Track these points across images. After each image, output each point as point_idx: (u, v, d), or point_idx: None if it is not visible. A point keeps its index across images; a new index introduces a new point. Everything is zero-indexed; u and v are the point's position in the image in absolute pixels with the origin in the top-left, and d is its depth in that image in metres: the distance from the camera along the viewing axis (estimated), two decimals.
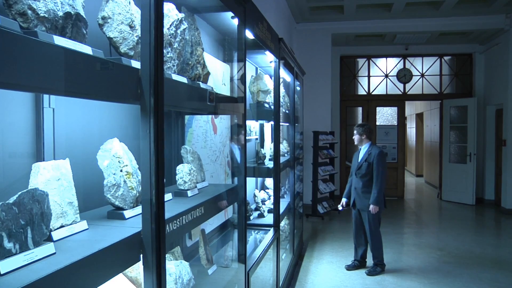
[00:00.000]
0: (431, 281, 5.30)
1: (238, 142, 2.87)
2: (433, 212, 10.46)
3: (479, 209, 10.24)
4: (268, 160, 4.63)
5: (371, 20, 9.89)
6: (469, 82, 11.51)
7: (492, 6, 8.93)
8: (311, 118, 9.72)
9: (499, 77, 10.15)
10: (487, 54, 10.99)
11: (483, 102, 10.99)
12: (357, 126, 5.81)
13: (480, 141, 10.85)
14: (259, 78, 4.24)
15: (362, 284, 5.20)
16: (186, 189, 2.22)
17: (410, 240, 7.52)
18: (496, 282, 5.24)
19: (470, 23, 9.71)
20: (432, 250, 6.75)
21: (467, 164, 10.69)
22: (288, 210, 5.17)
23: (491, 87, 10.76)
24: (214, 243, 3.63)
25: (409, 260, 6.23)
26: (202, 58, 2.28)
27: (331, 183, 9.76)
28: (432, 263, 6.06)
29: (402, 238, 7.67)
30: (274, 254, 4.08)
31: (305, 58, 9.65)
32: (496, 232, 8.41)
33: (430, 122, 14.40)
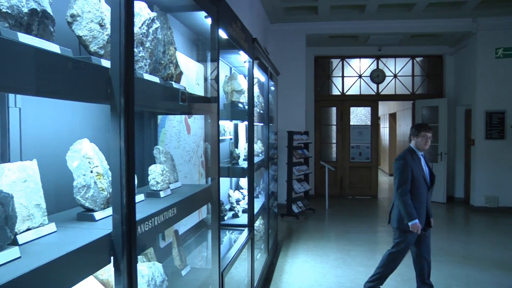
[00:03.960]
0: (404, 278, 5.38)
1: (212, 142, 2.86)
2: None
3: (450, 207, 10.46)
4: (242, 160, 4.63)
5: (345, 21, 10.00)
6: (440, 83, 11.76)
7: (460, 10, 9.16)
8: (285, 118, 9.76)
9: (468, 78, 10.41)
10: (456, 56, 11.25)
11: (453, 103, 11.23)
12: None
13: (450, 141, 11.08)
14: (233, 78, 4.23)
15: (336, 283, 5.24)
16: (158, 190, 2.20)
17: (383, 239, 7.62)
18: (466, 278, 5.36)
19: (440, 25, 9.92)
20: None
21: (438, 163, 10.90)
22: (262, 210, 5.18)
23: (460, 88, 11.02)
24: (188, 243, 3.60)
25: None
26: (174, 58, 2.26)
27: (306, 182, 9.81)
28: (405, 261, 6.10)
29: (376, 236, 7.77)
30: (248, 254, 4.08)
31: (279, 58, 9.68)
32: (465, 229, 8.61)
33: (403, 122, 14.64)
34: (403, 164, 4.39)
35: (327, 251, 6.53)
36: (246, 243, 3.86)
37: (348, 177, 11.98)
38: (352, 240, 7.17)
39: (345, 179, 11.97)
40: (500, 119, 9.81)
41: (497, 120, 9.81)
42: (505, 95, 9.73)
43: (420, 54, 11.79)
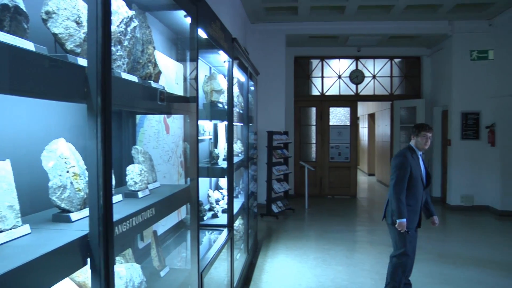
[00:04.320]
0: (382, 277, 5.42)
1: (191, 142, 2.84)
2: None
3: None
4: (222, 160, 4.61)
5: (325, 21, 10.06)
6: (418, 84, 11.93)
7: (437, 13, 9.32)
8: (265, 118, 9.77)
9: (444, 80, 10.60)
10: (433, 57, 11.44)
11: (431, 104, 11.42)
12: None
13: None
14: (213, 77, 4.22)
15: (316, 282, 5.27)
16: (136, 190, 2.18)
17: (363, 238, 7.70)
18: (442, 275, 5.46)
19: (417, 27, 10.07)
20: (383, 247, 6.92)
21: None
22: (242, 210, 5.17)
23: (437, 89, 11.20)
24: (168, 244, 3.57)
25: (361, 257, 6.38)
26: (153, 57, 2.24)
27: (285, 182, 9.84)
28: (383, 259, 6.21)
29: (355, 235, 7.84)
30: (228, 254, 4.07)
31: (259, 58, 9.69)
32: (442, 227, 8.74)
33: (382, 122, 14.79)
34: (402, 161, 4.41)
35: (307, 251, 6.56)
36: (226, 243, 3.85)
37: (328, 177, 12.06)
38: (332, 240, 7.21)
39: (325, 179, 12.05)
40: (475, 119, 10.01)
41: (473, 120, 10.01)
42: (480, 97, 9.92)
43: (399, 55, 11.95)
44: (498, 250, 6.78)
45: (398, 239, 4.48)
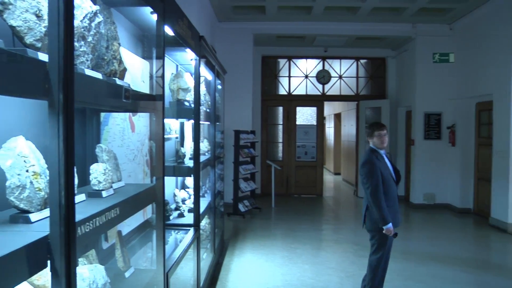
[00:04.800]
0: (348, 274, 5.52)
1: (157, 141, 2.80)
2: (350, 209, 10.93)
3: None
4: (188, 159, 4.57)
5: (292, 21, 10.12)
6: (383, 84, 12.17)
7: (402, 16, 9.54)
8: (232, 117, 9.74)
9: (408, 81, 10.85)
10: (398, 59, 11.69)
11: (395, 104, 11.66)
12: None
13: (392, 141, 11.48)
14: (180, 76, 4.18)
15: (282, 280, 5.29)
16: (100, 190, 2.13)
17: (328, 236, 7.79)
18: (404, 272, 5.58)
19: (383, 29, 10.27)
20: (349, 244, 7.03)
21: None
22: (209, 209, 5.14)
23: (401, 90, 11.46)
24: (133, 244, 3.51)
25: (327, 255, 6.45)
26: (118, 54, 2.19)
27: (252, 181, 9.85)
28: (349, 257, 6.31)
29: (321, 234, 7.92)
30: (194, 254, 4.04)
31: (227, 57, 9.65)
32: (405, 226, 8.93)
33: (347, 122, 15.01)
34: (371, 168, 4.30)
35: (274, 250, 6.59)
36: (192, 243, 3.82)
37: (294, 176, 12.14)
38: (298, 238, 7.26)
39: (291, 178, 12.13)
40: (437, 120, 10.28)
41: (435, 121, 10.28)
42: (441, 98, 10.20)
43: (364, 56, 12.15)
44: (457, 246, 7.00)
45: (378, 244, 4.42)
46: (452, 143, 10.03)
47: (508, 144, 7.87)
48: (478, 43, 9.05)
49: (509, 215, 7.82)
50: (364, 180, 4.32)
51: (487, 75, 8.63)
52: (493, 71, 8.40)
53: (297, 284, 5.18)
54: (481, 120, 9.40)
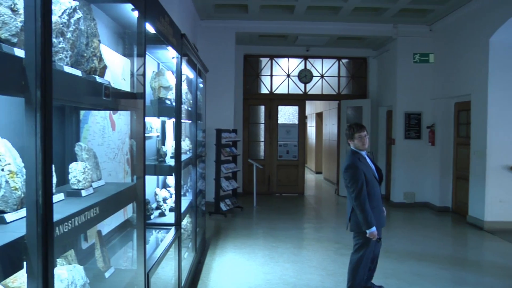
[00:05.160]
0: (329, 273, 5.55)
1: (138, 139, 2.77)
2: (331, 208, 10.99)
3: None
4: (169, 157, 4.53)
5: (274, 20, 10.12)
6: (364, 84, 12.26)
7: (383, 16, 9.62)
8: (214, 115, 9.70)
9: (389, 81, 10.96)
10: (379, 59, 11.80)
11: (376, 104, 11.77)
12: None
13: (373, 140, 11.58)
14: (161, 74, 4.14)
15: (264, 279, 5.29)
16: (80, 189, 2.09)
17: (310, 235, 7.82)
18: (384, 270, 5.62)
19: (364, 29, 10.34)
20: (330, 243, 7.07)
21: None
22: (190, 208, 5.11)
23: (382, 90, 11.56)
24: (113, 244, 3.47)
25: (309, 254, 6.48)
26: (98, 51, 2.16)
27: (234, 180, 9.83)
28: (330, 256, 6.35)
29: (303, 233, 7.95)
30: (175, 253, 4.01)
31: (209, 55, 9.62)
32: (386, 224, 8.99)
33: (329, 121, 15.09)
34: (355, 172, 4.29)
35: (255, 248, 6.59)
36: (173, 242, 3.79)
37: (276, 175, 12.16)
38: (279, 237, 7.28)
39: (273, 177, 12.15)
40: (417, 120, 10.40)
41: (415, 120, 10.40)
42: (422, 98, 10.33)
43: (346, 56, 12.23)
44: (436, 244, 7.11)
45: (361, 244, 4.44)
46: (431, 143, 10.17)
47: (485, 144, 8.01)
48: (457, 44, 9.19)
49: (486, 213, 7.98)
50: (348, 184, 4.33)
51: (466, 76, 8.77)
52: (471, 71, 8.54)
53: (278, 282, 5.19)
54: (460, 120, 9.55)
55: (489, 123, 7.95)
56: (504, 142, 7.97)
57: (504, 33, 7.77)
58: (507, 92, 7.92)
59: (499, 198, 7.97)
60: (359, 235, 4.45)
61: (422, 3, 8.90)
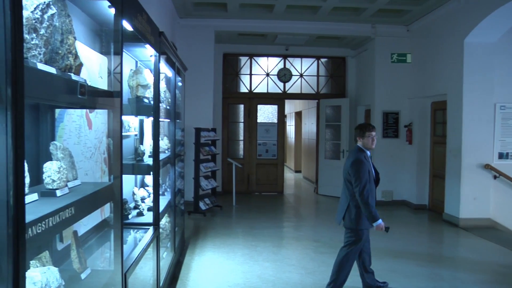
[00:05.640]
0: (308, 271, 5.58)
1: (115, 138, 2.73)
2: (310, 206, 11.05)
3: None
4: (147, 156, 4.49)
5: (254, 19, 10.12)
6: (343, 83, 12.36)
7: (361, 16, 9.71)
8: (193, 114, 9.64)
9: (367, 80, 11.07)
10: (357, 58, 11.90)
11: (355, 103, 11.87)
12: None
13: (352, 139, 11.66)
14: (139, 72, 4.09)
15: (243, 278, 5.29)
16: (54, 189, 2.05)
17: (289, 234, 7.84)
18: None
19: (343, 29, 10.42)
20: (309, 241, 7.11)
21: (340, 160, 11.43)
22: (169, 208, 5.07)
23: (361, 89, 11.67)
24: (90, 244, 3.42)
25: (288, 253, 6.50)
26: (74, 48, 2.12)
27: (213, 179, 9.81)
28: (309, 254, 6.38)
29: (282, 231, 7.97)
30: (154, 253, 3.97)
31: (188, 54, 9.56)
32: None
33: (308, 120, 15.16)
34: (363, 167, 4.46)
35: (234, 248, 6.58)
36: (151, 242, 3.76)
37: (255, 174, 12.17)
38: (259, 236, 7.28)
39: (252, 175, 12.15)
40: (395, 119, 10.53)
41: (393, 120, 10.53)
42: (399, 97, 10.47)
43: (325, 55, 12.30)
44: (413, 241, 7.21)
45: (353, 241, 4.56)
46: (409, 142, 10.30)
47: (460, 143, 8.17)
48: (433, 44, 9.33)
49: (461, 211, 8.14)
50: (353, 178, 4.45)
51: (442, 76, 8.91)
52: (447, 72, 8.69)
53: (257, 281, 5.19)
54: (436, 119, 9.70)
55: (464, 122, 8.10)
56: (478, 141, 8.14)
57: (478, 34, 7.92)
58: (481, 92, 8.09)
59: (473, 196, 8.14)
60: (352, 232, 4.57)
61: (399, 4, 9.01)
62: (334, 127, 11.80)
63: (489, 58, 8.11)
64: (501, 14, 7.37)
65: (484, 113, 8.15)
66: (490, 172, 8.16)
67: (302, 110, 16.64)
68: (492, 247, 6.95)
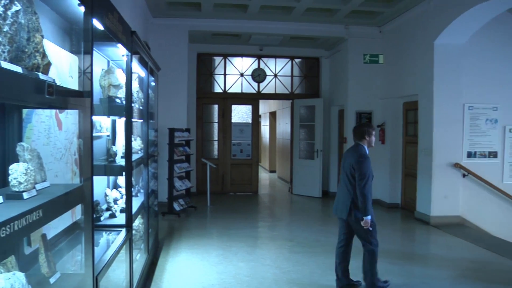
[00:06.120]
0: (283, 271, 5.59)
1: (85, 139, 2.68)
2: (285, 206, 11.09)
3: (325, 201, 11.12)
4: (120, 157, 4.42)
5: (228, 19, 10.10)
6: (317, 84, 12.45)
7: (334, 17, 9.80)
8: (166, 114, 9.54)
9: (341, 81, 11.19)
10: (331, 59, 12.01)
11: (328, 103, 11.97)
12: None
13: (326, 139, 11.80)
14: (111, 71, 4.03)
15: (217, 279, 5.27)
16: (21, 191, 1.99)
17: (264, 234, 7.86)
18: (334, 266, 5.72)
19: (316, 29, 10.50)
20: (283, 241, 7.13)
21: (314, 160, 11.52)
22: (142, 209, 5.01)
23: (334, 89, 11.78)
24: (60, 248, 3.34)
25: (262, 253, 6.50)
26: (41, 47, 2.06)
27: (187, 180, 9.74)
28: (283, 254, 6.40)
29: (257, 231, 7.98)
30: (127, 255, 3.91)
31: (161, 53, 9.47)
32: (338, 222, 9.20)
33: (282, 121, 15.22)
34: (368, 163, 4.75)
35: (209, 248, 6.54)
36: (124, 244, 3.70)
37: (230, 174, 12.15)
38: (233, 237, 7.27)
39: (227, 176, 12.12)
40: (368, 119, 10.67)
41: (366, 120, 10.65)
42: (372, 97, 10.61)
43: (299, 55, 12.38)
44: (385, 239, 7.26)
45: (368, 232, 4.82)
46: (382, 141, 10.44)
47: (431, 143, 8.33)
48: (404, 45, 9.48)
49: (432, 209, 8.31)
50: (357, 172, 4.69)
51: (413, 77, 9.07)
52: (418, 73, 8.85)
53: (232, 282, 5.18)
54: (408, 119, 9.86)
55: (434, 122, 8.27)
56: (448, 141, 8.32)
57: (447, 36, 8.09)
58: (450, 93, 8.27)
59: (444, 194, 8.31)
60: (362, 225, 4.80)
61: (372, 6, 9.13)
62: (308, 127, 11.87)
63: (458, 59, 8.30)
64: (469, 17, 7.55)
65: (454, 114, 8.35)
66: (459, 171, 8.35)
67: (276, 110, 16.69)
68: (461, 244, 7.11)
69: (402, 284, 5.25)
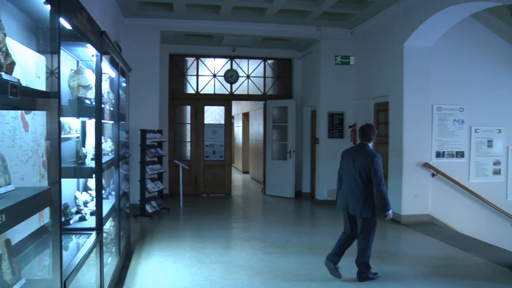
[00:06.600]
0: (256, 272, 5.59)
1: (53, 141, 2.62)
2: (258, 207, 11.11)
3: (298, 201, 11.19)
4: (90, 159, 4.35)
5: (200, 20, 10.06)
6: (289, 85, 12.52)
7: (307, 18, 9.88)
8: (138, 116, 9.41)
9: (313, 82, 11.28)
10: (303, 60, 12.10)
11: (301, 104, 12.06)
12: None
13: (298, 139, 11.87)
14: (80, 72, 3.95)
15: (191, 281, 5.23)
16: None
17: (237, 235, 7.85)
18: (309, 266, 5.79)
19: (289, 31, 10.55)
20: (257, 242, 7.13)
21: (287, 161, 11.57)
22: (113, 212, 4.93)
23: (307, 90, 11.87)
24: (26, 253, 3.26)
25: (235, 254, 6.49)
26: (4, 45, 2.01)
27: (160, 182, 9.65)
28: (257, 255, 6.40)
29: (230, 233, 7.97)
30: (97, 258, 3.85)
31: (133, 54, 9.37)
32: (311, 222, 9.31)
33: (255, 121, 15.24)
34: (380, 161, 5.13)
35: (182, 250, 6.49)
36: (94, 247, 3.64)
37: (203, 175, 12.10)
38: (207, 238, 7.23)
39: (200, 177, 12.06)
40: (340, 119, 10.78)
41: (338, 120, 10.77)
42: (344, 98, 10.72)
43: (271, 56, 12.42)
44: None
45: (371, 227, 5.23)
46: (353, 142, 10.54)
47: (401, 143, 8.47)
48: (375, 47, 9.63)
49: (402, 208, 8.46)
50: (374, 171, 5.07)
51: (383, 78, 9.21)
52: (388, 74, 8.99)
53: (205, 284, 5.15)
54: (379, 119, 9.99)
55: (404, 123, 8.41)
56: (417, 141, 8.49)
57: (416, 39, 8.27)
58: (420, 94, 8.45)
59: (414, 193, 8.46)
60: (371, 221, 5.21)
61: (343, 8, 9.23)
62: (281, 127, 11.92)
63: (427, 61, 8.49)
64: (436, 21, 7.74)
65: (423, 114, 8.52)
66: (428, 170, 8.52)
67: (249, 111, 16.71)
68: (430, 242, 7.26)
69: (374, 282, 5.32)
